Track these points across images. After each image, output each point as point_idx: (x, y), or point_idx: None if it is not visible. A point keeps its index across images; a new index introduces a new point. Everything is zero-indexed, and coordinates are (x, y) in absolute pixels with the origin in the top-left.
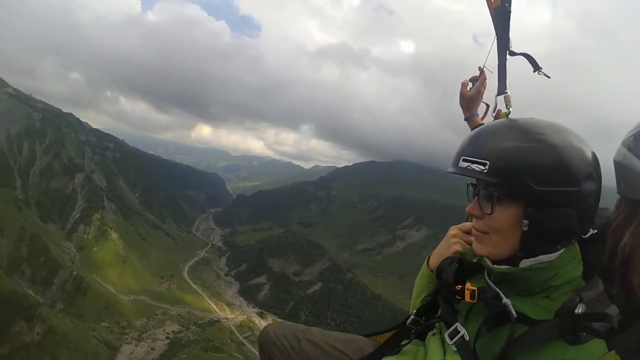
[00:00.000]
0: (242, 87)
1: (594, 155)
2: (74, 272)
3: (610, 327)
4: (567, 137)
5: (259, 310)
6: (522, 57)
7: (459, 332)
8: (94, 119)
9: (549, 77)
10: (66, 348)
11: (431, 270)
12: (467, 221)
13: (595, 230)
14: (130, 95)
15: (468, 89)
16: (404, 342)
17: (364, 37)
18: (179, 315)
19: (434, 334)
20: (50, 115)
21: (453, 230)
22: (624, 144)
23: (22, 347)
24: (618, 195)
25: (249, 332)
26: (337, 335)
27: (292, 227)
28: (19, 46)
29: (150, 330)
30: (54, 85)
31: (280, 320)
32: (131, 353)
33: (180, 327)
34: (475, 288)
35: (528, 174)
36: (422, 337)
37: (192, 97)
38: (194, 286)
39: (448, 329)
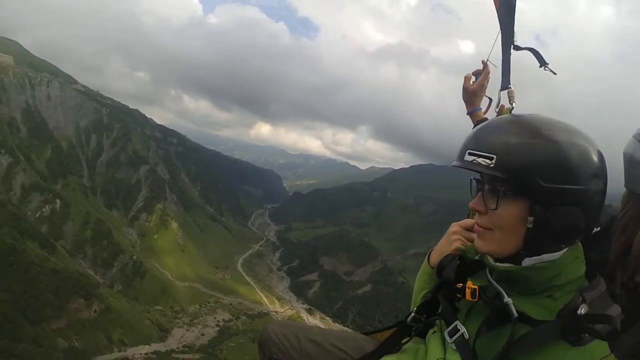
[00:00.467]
0: (301, 87)
1: (600, 154)
2: (134, 257)
3: (612, 329)
4: (575, 135)
5: (308, 307)
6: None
7: (459, 330)
8: (159, 115)
9: (555, 73)
10: (120, 326)
11: (432, 267)
12: (468, 218)
13: (599, 228)
14: (193, 94)
15: (471, 83)
16: (404, 340)
17: (422, 37)
18: (230, 304)
19: (435, 332)
20: (117, 111)
21: (454, 227)
22: (636, 136)
23: (79, 322)
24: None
25: None
26: (338, 333)
27: (345, 227)
28: (88, 47)
29: (201, 316)
30: (121, 83)
31: (327, 318)
32: (182, 337)
33: (231, 316)
34: (476, 287)
35: (535, 170)
36: (422, 335)
37: (252, 96)
38: (247, 278)
39: (448, 327)
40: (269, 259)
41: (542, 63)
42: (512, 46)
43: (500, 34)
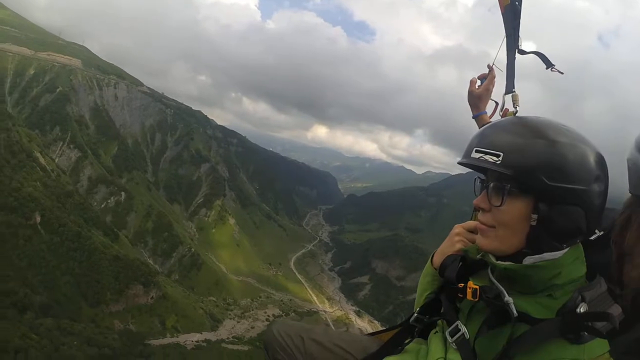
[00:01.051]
0: (359, 90)
1: (602, 157)
2: (192, 249)
3: (612, 327)
4: (578, 138)
5: (357, 309)
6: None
7: (460, 330)
8: (219, 117)
9: (562, 73)
10: (175, 313)
11: (435, 268)
12: (471, 219)
13: (602, 232)
14: (252, 97)
15: (477, 87)
16: (407, 341)
17: (480, 39)
18: (281, 300)
19: (436, 332)
20: (181, 112)
21: (457, 228)
22: (637, 142)
23: (136, 307)
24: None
25: (344, 328)
26: (341, 334)
27: (399, 232)
28: (153, 53)
29: (252, 310)
30: (184, 86)
31: (376, 321)
32: (232, 328)
33: (281, 312)
34: (477, 286)
35: (541, 168)
36: (425, 335)
37: (310, 99)
38: (299, 276)
39: (449, 327)
40: (321, 259)
41: (549, 65)
42: (516, 51)
43: (505, 39)
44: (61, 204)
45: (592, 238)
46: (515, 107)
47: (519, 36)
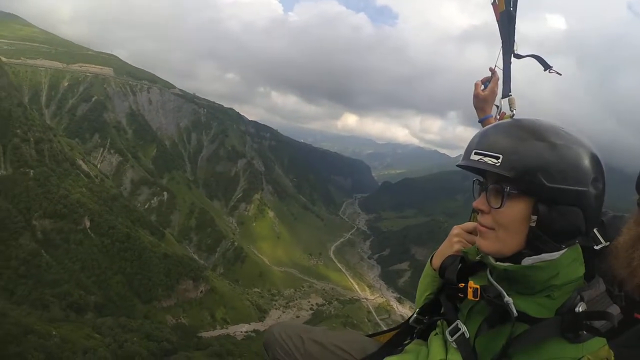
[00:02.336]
0: (387, 76)
1: (599, 159)
2: (235, 243)
3: (612, 326)
4: (576, 140)
5: (398, 296)
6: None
7: (459, 329)
8: (249, 112)
9: (560, 74)
10: (223, 306)
11: (434, 270)
12: (470, 221)
13: (608, 243)
14: (281, 90)
15: (481, 90)
16: (406, 342)
17: None
18: (323, 289)
19: (436, 333)
20: (214, 110)
21: (455, 229)
22: None
23: (186, 301)
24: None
25: (385, 315)
26: (341, 335)
27: (436, 217)
28: (180, 55)
29: (296, 300)
30: (212, 85)
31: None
32: (278, 317)
33: (324, 301)
34: (478, 286)
35: (540, 170)
36: (424, 337)
37: (338, 89)
38: (339, 265)
39: (449, 326)
40: (360, 247)
41: (546, 67)
42: (512, 55)
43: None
44: (108, 208)
45: (597, 248)
46: (512, 110)
47: (514, 41)
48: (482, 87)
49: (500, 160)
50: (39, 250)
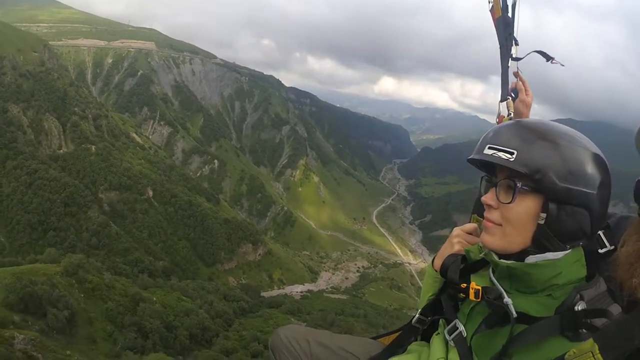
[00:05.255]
0: (430, 40)
1: (607, 165)
2: (285, 208)
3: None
4: (589, 144)
5: None
6: (532, 56)
7: (457, 328)
8: (285, 78)
9: (563, 65)
10: (279, 268)
11: (436, 270)
12: (470, 222)
13: (613, 247)
14: (317, 54)
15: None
16: (410, 343)
17: None
18: (368, 253)
19: (438, 333)
20: (255, 79)
21: (455, 230)
22: None
23: (246, 263)
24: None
25: None
26: (346, 337)
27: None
28: (217, 24)
29: (344, 262)
30: (250, 53)
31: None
32: (329, 279)
33: (369, 264)
34: (479, 287)
35: (553, 168)
36: (428, 337)
37: (377, 51)
38: (381, 229)
39: (448, 325)
40: (401, 212)
41: (548, 58)
42: (510, 59)
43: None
44: (167, 177)
45: (601, 251)
46: (511, 113)
47: (512, 45)
48: (512, 97)
49: (514, 156)
50: (107, 222)
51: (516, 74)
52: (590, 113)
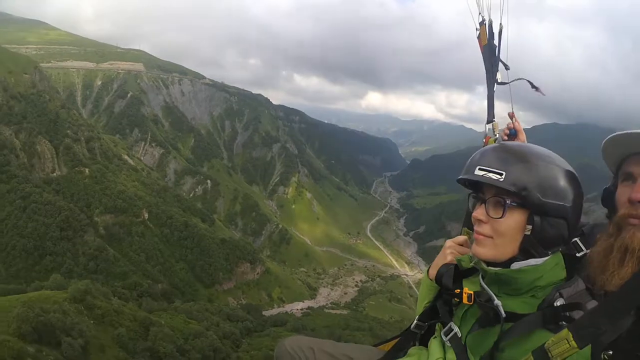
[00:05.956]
0: (413, 52)
1: (578, 179)
2: (280, 225)
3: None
4: (564, 163)
5: None
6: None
7: (452, 329)
8: (272, 96)
9: (544, 94)
10: (278, 286)
11: (431, 279)
12: (460, 235)
13: (588, 250)
14: (303, 72)
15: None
16: (409, 347)
17: None
18: (365, 267)
19: (435, 337)
20: (244, 97)
21: (448, 242)
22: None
23: (244, 283)
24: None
25: None
26: (349, 345)
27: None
28: (206, 43)
29: (341, 277)
30: (237, 72)
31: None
32: (328, 295)
33: (367, 278)
34: (472, 292)
35: (537, 186)
36: (425, 342)
37: (362, 67)
38: (376, 243)
39: (444, 328)
40: (395, 225)
41: (533, 87)
42: (495, 84)
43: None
44: (162, 199)
45: (578, 255)
46: (495, 135)
47: (497, 71)
48: (509, 133)
49: (503, 177)
50: (104, 245)
51: (511, 115)
52: (574, 116)
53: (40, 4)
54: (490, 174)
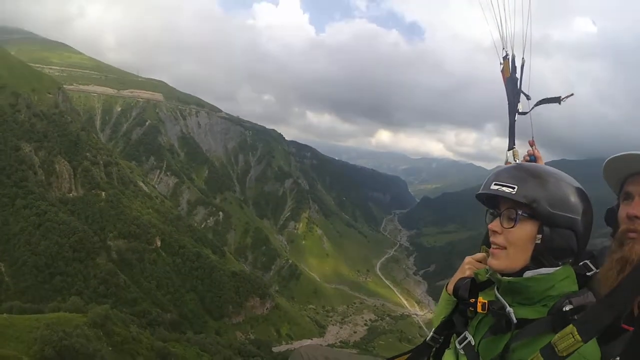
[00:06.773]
0: (424, 92)
1: (587, 196)
2: (290, 261)
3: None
4: (571, 180)
5: None
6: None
7: (467, 338)
8: (284, 132)
9: (572, 94)
10: (287, 322)
11: (449, 294)
12: (482, 245)
13: (598, 269)
14: (316, 109)
15: None
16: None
17: (540, 21)
18: (374, 306)
19: (449, 348)
20: (258, 132)
21: (467, 259)
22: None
23: (253, 317)
24: None
25: None
26: (365, 357)
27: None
28: (223, 78)
29: (350, 315)
30: (250, 107)
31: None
32: (337, 333)
33: (376, 317)
34: (486, 301)
35: (545, 199)
36: (440, 355)
37: (374, 106)
38: (386, 281)
39: (459, 337)
40: (404, 263)
41: (557, 101)
42: (517, 113)
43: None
44: (175, 228)
45: (589, 274)
46: (516, 160)
47: (519, 101)
48: (529, 158)
49: (515, 190)
50: (115, 270)
51: (531, 143)
52: (583, 151)
53: (64, 27)
54: (504, 188)
